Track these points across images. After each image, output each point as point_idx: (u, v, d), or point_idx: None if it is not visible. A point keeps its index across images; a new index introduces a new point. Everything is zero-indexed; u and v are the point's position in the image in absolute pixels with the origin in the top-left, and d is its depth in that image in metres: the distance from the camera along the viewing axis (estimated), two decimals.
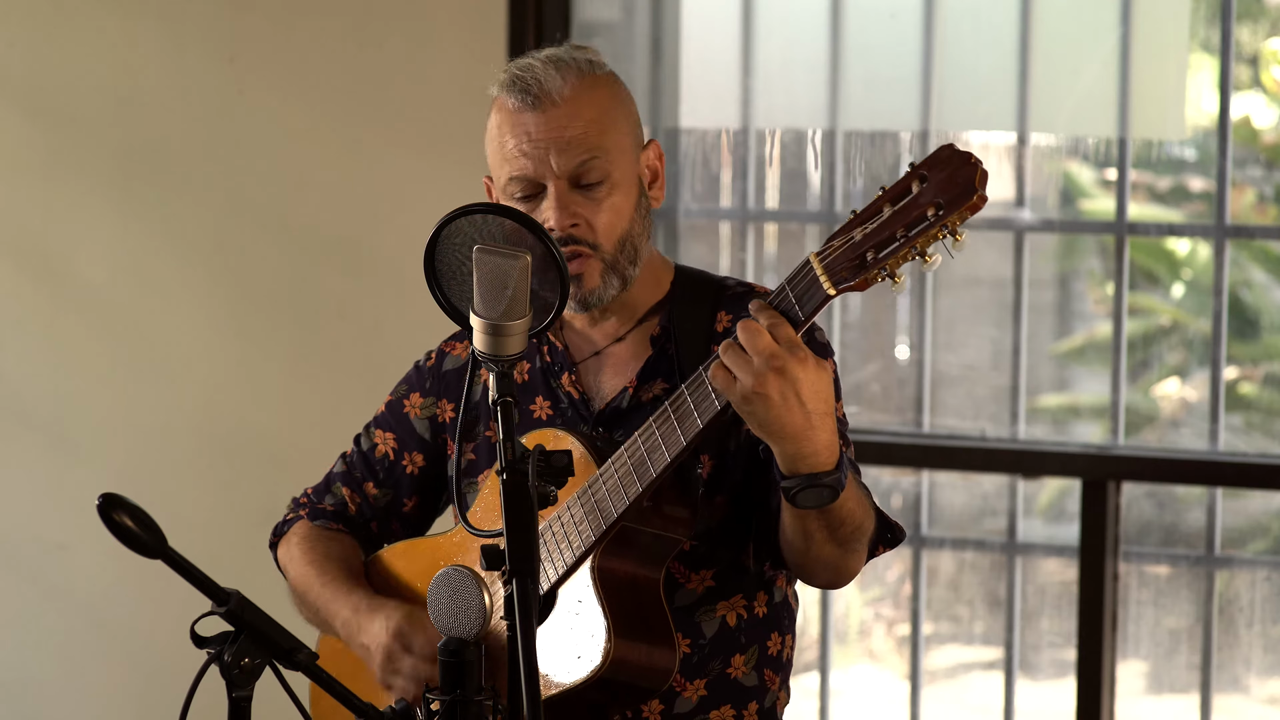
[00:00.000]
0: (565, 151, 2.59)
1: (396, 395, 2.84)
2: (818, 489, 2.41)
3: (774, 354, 2.33)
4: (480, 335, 2.23)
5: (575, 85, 2.62)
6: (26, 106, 4.76)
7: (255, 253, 4.64)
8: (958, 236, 2.29)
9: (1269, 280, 5.55)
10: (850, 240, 2.32)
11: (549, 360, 2.72)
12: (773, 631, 2.69)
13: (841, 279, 2.33)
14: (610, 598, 2.50)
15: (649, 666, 2.52)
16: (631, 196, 2.64)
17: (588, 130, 2.60)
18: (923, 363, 4.47)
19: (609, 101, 2.64)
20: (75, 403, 4.80)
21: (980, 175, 2.26)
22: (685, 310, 2.68)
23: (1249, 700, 4.46)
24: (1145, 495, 4.46)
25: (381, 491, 2.84)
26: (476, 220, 2.29)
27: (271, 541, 2.93)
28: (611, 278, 2.63)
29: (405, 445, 2.82)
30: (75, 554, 4.80)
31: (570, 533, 2.52)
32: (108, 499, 2.15)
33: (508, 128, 2.62)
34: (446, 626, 2.49)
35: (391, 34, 4.51)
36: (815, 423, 2.37)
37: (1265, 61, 4.65)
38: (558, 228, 2.59)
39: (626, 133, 2.65)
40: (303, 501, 2.90)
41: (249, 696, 2.17)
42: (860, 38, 4.40)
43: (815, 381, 2.36)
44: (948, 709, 4.88)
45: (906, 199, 2.29)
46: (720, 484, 2.63)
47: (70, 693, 4.86)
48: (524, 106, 2.61)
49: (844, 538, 2.50)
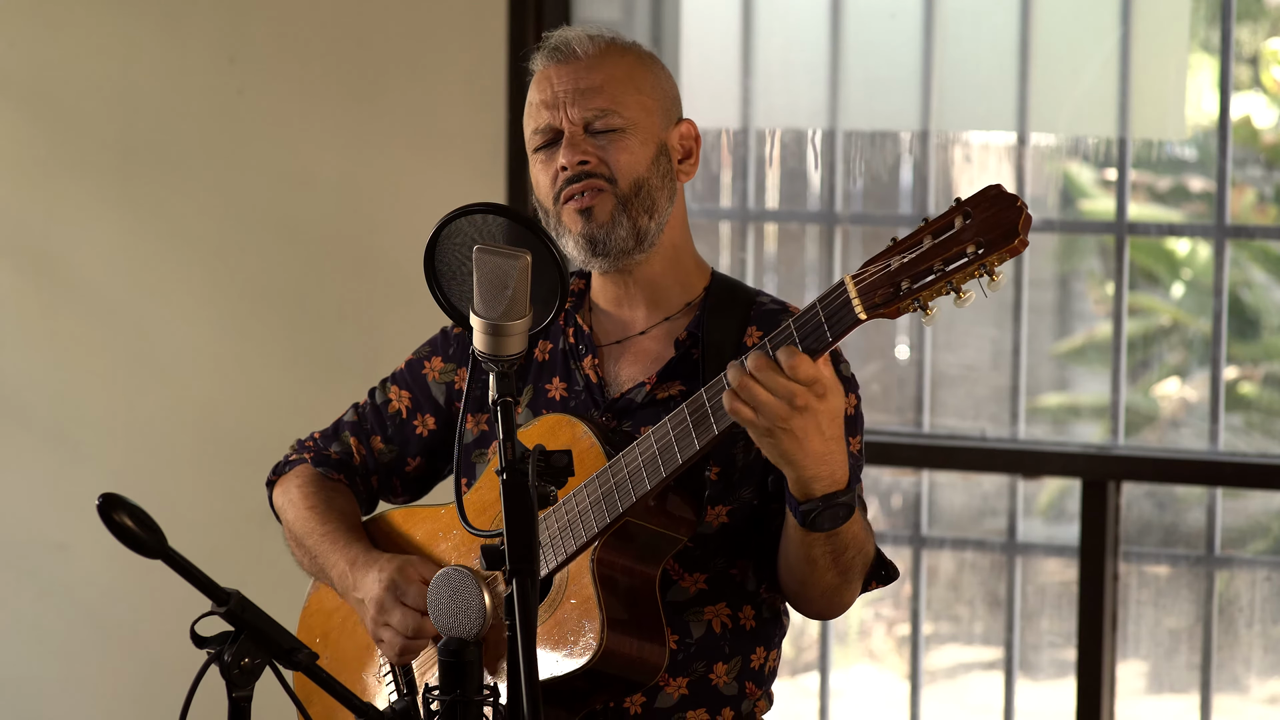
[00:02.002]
0: (581, 99, 2.63)
1: (418, 356, 2.84)
2: (834, 509, 2.42)
3: (795, 394, 2.33)
4: (480, 335, 2.23)
5: (603, 47, 2.66)
6: (26, 106, 4.76)
7: (255, 253, 4.65)
8: (994, 277, 2.28)
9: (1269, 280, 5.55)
10: (887, 268, 2.31)
11: (573, 342, 2.72)
12: (758, 645, 2.69)
13: (874, 304, 2.32)
14: (607, 590, 2.51)
15: (639, 661, 2.52)
16: (650, 149, 2.65)
17: (605, 82, 2.63)
18: (923, 363, 4.47)
19: (635, 64, 2.67)
20: (75, 403, 4.80)
21: (1025, 220, 2.25)
22: (715, 319, 2.68)
23: (1249, 700, 4.46)
24: (1145, 495, 4.46)
25: (388, 447, 2.84)
26: (476, 220, 2.29)
27: (270, 479, 2.91)
28: (623, 218, 2.63)
29: (419, 406, 2.82)
30: (75, 554, 4.80)
31: (574, 521, 2.53)
32: (108, 499, 2.15)
33: (534, 87, 2.68)
34: (446, 626, 2.50)
35: (391, 34, 4.51)
36: (833, 447, 2.38)
37: (1265, 61, 4.65)
38: (568, 165, 2.61)
39: (652, 96, 2.67)
40: (308, 445, 2.89)
41: (249, 696, 2.17)
42: (860, 38, 4.40)
43: (834, 408, 2.37)
44: (948, 709, 4.88)
45: (948, 234, 2.28)
46: (724, 494, 2.63)
47: (70, 693, 4.86)
48: (550, 62, 2.66)
49: (846, 564, 2.51)
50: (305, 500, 2.81)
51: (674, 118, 2.70)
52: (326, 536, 2.77)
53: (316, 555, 2.78)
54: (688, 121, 2.71)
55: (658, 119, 2.67)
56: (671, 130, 2.69)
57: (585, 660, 2.48)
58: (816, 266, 4.53)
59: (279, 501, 2.87)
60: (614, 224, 2.62)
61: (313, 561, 2.80)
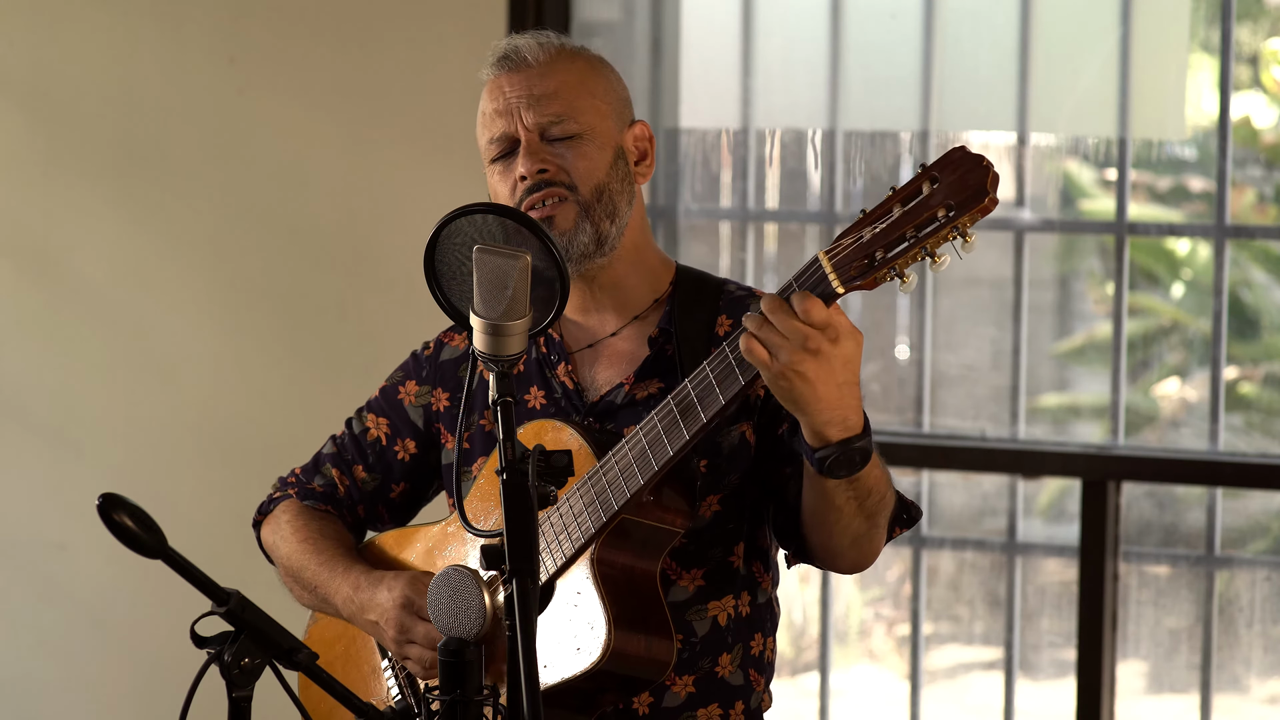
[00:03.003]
0: (536, 105, 2.63)
1: (392, 381, 2.84)
2: (850, 453, 2.40)
3: (809, 336, 2.32)
4: (480, 335, 2.23)
5: (553, 53, 2.67)
6: (26, 106, 4.76)
7: (255, 253, 4.65)
8: (968, 238, 2.29)
9: (1269, 280, 5.55)
10: (860, 239, 2.32)
11: (544, 351, 2.72)
12: (756, 632, 2.69)
13: (850, 277, 2.33)
14: (609, 589, 2.51)
15: (648, 658, 2.52)
16: (607, 154, 2.66)
17: (559, 88, 2.64)
18: (923, 363, 4.47)
19: (586, 69, 2.68)
20: (75, 403, 4.80)
21: (992, 178, 2.27)
22: (686, 312, 2.68)
23: (1249, 700, 4.46)
24: (1145, 495, 4.46)
25: (370, 475, 2.84)
26: (476, 220, 2.29)
27: (256, 520, 2.90)
28: (585, 224, 2.63)
29: (398, 431, 2.82)
30: (75, 554, 4.80)
31: (570, 524, 2.53)
32: (108, 499, 2.15)
33: (486, 96, 2.68)
34: (446, 626, 2.50)
35: (391, 34, 4.51)
36: (846, 392, 2.37)
37: (1265, 61, 4.66)
38: (528, 174, 2.62)
39: (605, 101, 2.67)
40: (290, 481, 2.89)
41: (249, 696, 2.17)
42: (860, 38, 4.40)
43: (847, 353, 2.36)
44: (948, 709, 4.88)
45: (917, 200, 2.29)
46: (714, 483, 2.63)
47: (70, 692, 4.86)
48: (501, 71, 2.67)
49: (872, 508, 2.50)
50: (296, 534, 2.81)
51: (627, 120, 2.70)
52: (325, 565, 2.76)
53: (316, 586, 2.77)
54: (641, 123, 2.72)
55: (612, 123, 2.67)
56: (626, 133, 2.69)
57: (594, 660, 2.48)
58: None
59: (269, 540, 2.86)
60: (577, 231, 2.63)
61: (313, 594, 2.79)
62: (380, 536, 2.82)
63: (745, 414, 2.64)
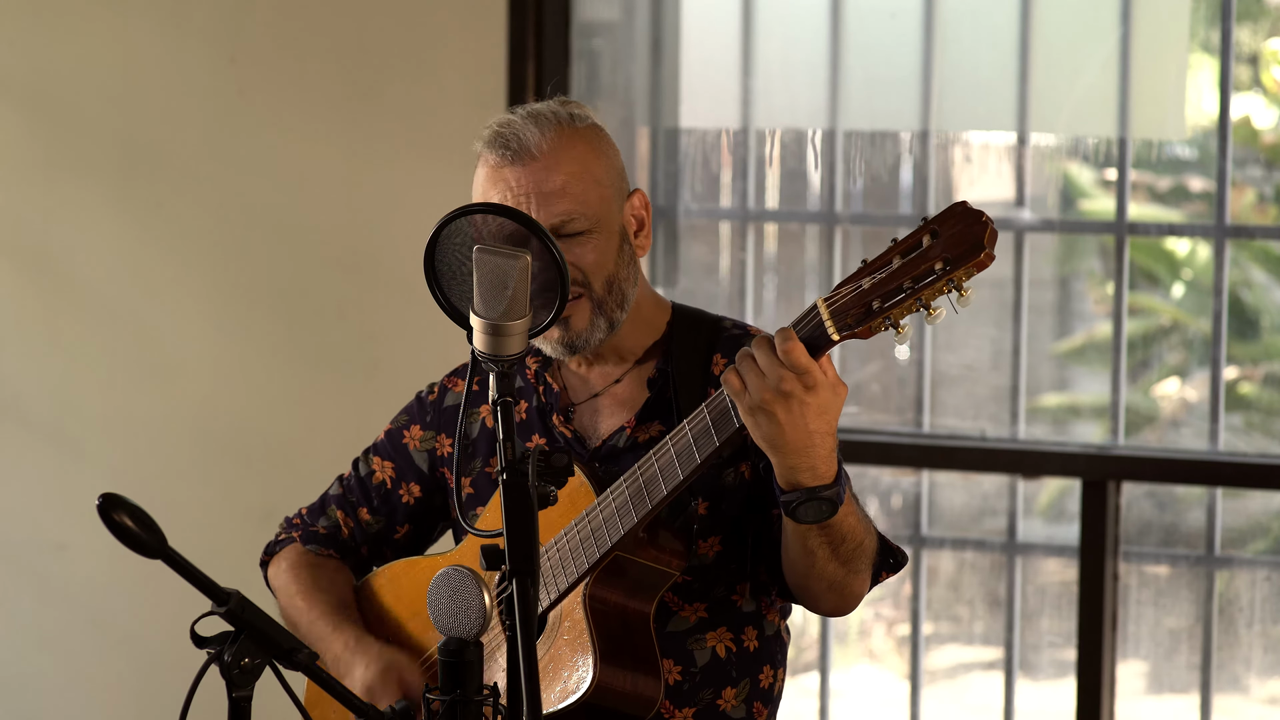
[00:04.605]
0: (546, 203, 2.62)
1: (396, 425, 2.87)
2: (817, 502, 2.43)
3: (783, 377, 2.35)
4: (480, 335, 2.23)
5: (554, 139, 2.64)
6: (26, 106, 4.76)
7: (255, 253, 4.64)
8: (963, 292, 2.31)
9: (1269, 280, 5.55)
10: (859, 288, 2.34)
11: (544, 400, 2.73)
12: (765, 665, 2.71)
13: (846, 325, 2.35)
14: (600, 625, 2.53)
15: (633, 695, 2.54)
16: (614, 242, 2.66)
17: (567, 182, 2.62)
18: (923, 363, 4.46)
19: (589, 154, 2.65)
20: (75, 403, 4.79)
21: (990, 234, 2.29)
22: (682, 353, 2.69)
23: (1249, 700, 4.46)
24: (1145, 495, 4.45)
25: (375, 518, 2.87)
26: (476, 220, 2.29)
27: (263, 560, 2.95)
28: (599, 319, 2.65)
29: (403, 475, 2.85)
30: (75, 554, 4.80)
31: (565, 558, 2.55)
32: (108, 499, 2.15)
33: (489, 182, 2.65)
34: (446, 626, 2.49)
35: (391, 34, 4.51)
36: (816, 441, 2.39)
37: (1265, 61, 4.65)
38: None
39: (608, 183, 2.67)
40: (295, 522, 2.92)
41: (249, 696, 2.17)
42: (860, 38, 4.40)
43: (823, 402, 2.38)
44: (948, 709, 4.88)
45: (916, 252, 2.31)
46: (715, 524, 2.65)
47: (70, 692, 4.85)
48: (504, 161, 2.64)
49: (846, 555, 2.52)
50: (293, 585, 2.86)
51: (625, 193, 2.71)
52: (316, 622, 2.82)
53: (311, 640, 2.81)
54: (638, 192, 2.72)
55: (615, 205, 2.68)
56: (625, 206, 2.70)
57: (580, 694, 2.50)
58: (816, 267, 4.53)
59: (273, 583, 2.92)
60: (592, 329, 2.65)
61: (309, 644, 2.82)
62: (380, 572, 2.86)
63: (744, 454, 2.65)
